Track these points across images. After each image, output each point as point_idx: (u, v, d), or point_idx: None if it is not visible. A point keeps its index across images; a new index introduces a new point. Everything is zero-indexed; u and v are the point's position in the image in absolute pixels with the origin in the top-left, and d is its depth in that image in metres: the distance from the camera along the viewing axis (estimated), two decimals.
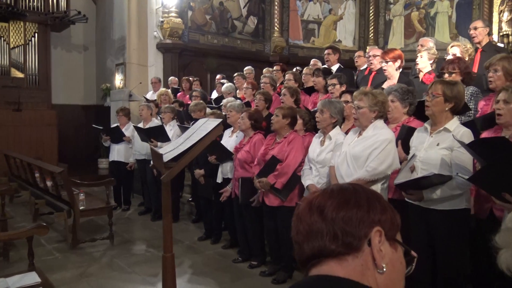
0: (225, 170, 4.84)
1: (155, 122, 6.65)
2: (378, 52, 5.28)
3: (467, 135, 2.76)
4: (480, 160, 2.49)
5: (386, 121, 3.44)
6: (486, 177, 2.18)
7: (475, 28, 4.79)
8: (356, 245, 0.91)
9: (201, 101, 6.30)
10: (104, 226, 5.62)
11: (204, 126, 2.85)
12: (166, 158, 2.64)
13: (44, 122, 9.09)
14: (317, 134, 3.90)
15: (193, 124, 3.53)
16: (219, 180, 4.90)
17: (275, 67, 7.52)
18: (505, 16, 9.88)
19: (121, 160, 6.91)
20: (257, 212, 4.36)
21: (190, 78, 8.46)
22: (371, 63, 5.34)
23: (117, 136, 6.88)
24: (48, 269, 4.08)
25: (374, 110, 3.21)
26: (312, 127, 4.26)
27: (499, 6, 10.06)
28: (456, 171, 2.68)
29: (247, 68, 7.92)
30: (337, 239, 0.91)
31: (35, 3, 9.29)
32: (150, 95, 8.58)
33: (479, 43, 4.88)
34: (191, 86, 8.20)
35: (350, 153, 3.27)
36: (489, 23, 10.03)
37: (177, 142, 2.91)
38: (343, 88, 4.46)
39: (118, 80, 9.70)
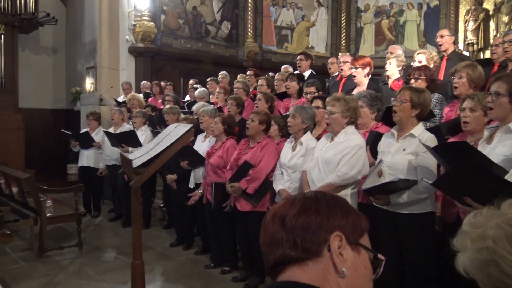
0: (197, 175, 4.82)
1: (126, 127, 6.55)
2: (349, 58, 5.38)
3: (431, 140, 2.84)
4: (444, 164, 2.57)
5: (356, 127, 3.51)
6: (449, 182, 2.25)
7: (442, 36, 4.95)
8: (316, 250, 0.92)
9: (176, 105, 6.26)
10: (72, 234, 5.48)
11: (175, 131, 2.83)
12: (135, 163, 2.61)
13: (10, 126, 8.78)
14: (288, 140, 3.93)
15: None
16: (191, 185, 4.87)
17: (248, 72, 7.55)
18: (470, 25, 10.27)
19: (90, 165, 6.77)
20: (229, 218, 4.35)
21: (162, 83, 8.39)
22: (342, 69, 5.43)
23: (87, 142, 6.74)
24: (13, 279, 3.96)
25: (346, 116, 3.28)
26: (287, 133, 4.30)
27: (465, 16, 10.45)
28: (421, 176, 2.75)
29: (222, 73, 7.91)
30: (297, 246, 0.93)
31: (1, 4, 9.01)
32: (121, 99, 8.45)
33: (445, 51, 5.04)
34: (161, 91, 8.12)
35: (322, 158, 3.32)
36: (455, 32, 10.39)
37: (147, 148, 2.87)
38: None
39: (89, 84, 9.50)
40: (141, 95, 7.80)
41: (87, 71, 9.54)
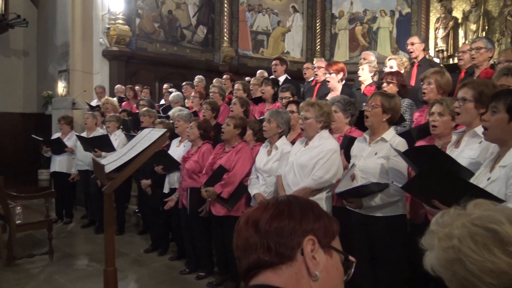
0: (172, 180, 4.78)
1: (99, 131, 6.44)
2: (323, 64, 5.45)
3: (402, 144, 2.92)
4: (415, 167, 2.64)
5: (330, 131, 3.57)
6: (418, 185, 2.31)
7: (412, 44, 5.09)
8: (289, 254, 0.93)
9: (154, 110, 6.21)
10: (43, 241, 5.33)
11: (149, 135, 2.80)
12: (108, 168, 2.57)
13: None
14: (264, 144, 3.96)
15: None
16: (166, 190, 4.83)
17: (224, 77, 7.56)
18: (440, 33, 10.58)
19: (63, 171, 6.62)
20: (205, 222, 4.33)
21: (137, 87, 8.30)
22: (316, 74, 5.50)
23: (59, 147, 6.59)
24: None
25: (320, 121, 3.32)
26: (262, 137, 4.32)
27: (435, 23, 10.75)
28: (392, 179, 2.82)
29: (198, 77, 7.88)
30: (271, 250, 0.93)
31: None
32: (95, 103, 8.30)
33: (416, 57, 5.18)
34: (135, 95, 8.03)
35: (297, 162, 3.35)
36: (426, 39, 10.69)
37: (120, 152, 2.84)
38: (490, 54, 4.21)
39: (61, 87, 9.30)
40: (115, 99, 7.69)
41: (59, 74, 9.34)
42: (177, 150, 4.88)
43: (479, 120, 2.38)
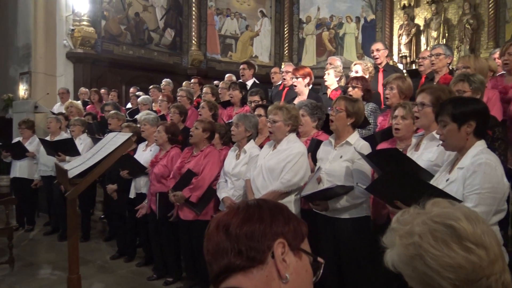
0: (138, 185, 4.71)
1: (64, 136, 6.27)
2: (291, 68, 5.52)
3: (366, 148, 3.00)
4: (377, 170, 2.72)
5: (297, 135, 3.62)
6: (381, 187, 2.38)
7: (377, 50, 5.23)
8: (260, 258, 0.95)
9: (122, 113, 6.10)
10: (3, 250, 5.12)
11: (114, 140, 2.76)
12: (71, 174, 2.52)
13: None
14: (232, 148, 3.97)
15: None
16: (131, 195, 4.76)
17: (192, 80, 7.52)
18: (404, 39, 10.92)
19: (24, 176, 6.40)
20: (173, 227, 4.29)
21: (103, 90, 8.13)
22: (284, 79, 5.56)
23: (19, 152, 6.37)
24: None
25: (288, 124, 3.37)
26: (228, 141, 4.33)
27: (398, 30, 11.09)
28: (357, 181, 2.89)
29: (165, 81, 7.81)
30: (242, 254, 0.94)
31: None
32: (58, 107, 8.07)
33: (380, 63, 5.33)
34: (100, 99, 7.87)
35: (265, 166, 3.38)
36: (390, 45, 11.02)
37: (85, 157, 2.78)
38: (448, 60, 4.37)
39: (22, 90, 8.99)
40: (79, 103, 7.50)
41: (21, 76, 9.02)
42: (143, 154, 4.82)
43: (437, 124, 2.48)
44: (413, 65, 10.33)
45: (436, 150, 2.50)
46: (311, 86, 4.96)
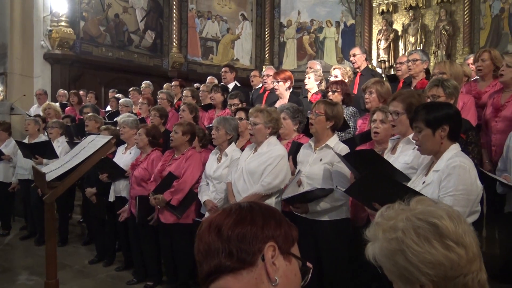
0: (117, 188, 4.66)
1: (42, 138, 6.15)
2: (272, 72, 5.56)
3: (345, 151, 3.05)
4: (354, 171, 2.77)
5: (279, 138, 3.65)
6: (359, 189, 2.43)
7: (354, 55, 5.32)
8: (250, 260, 0.95)
9: (100, 116, 6.03)
10: None
11: (93, 143, 2.74)
12: (49, 177, 2.48)
13: None
14: (213, 151, 3.98)
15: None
16: (111, 198, 4.70)
17: (173, 83, 7.49)
18: (382, 44, 11.12)
19: (0, 180, 6.25)
20: (153, 230, 4.26)
21: (81, 92, 8.01)
22: (266, 82, 5.59)
23: None
24: None
25: (268, 127, 3.39)
26: (207, 143, 4.33)
27: (377, 35, 11.29)
28: (336, 184, 2.94)
29: (145, 83, 7.75)
30: (232, 256, 0.95)
31: None
32: (35, 108, 7.92)
33: (358, 67, 5.41)
34: (80, 101, 7.75)
35: (246, 169, 3.40)
36: (369, 50, 11.20)
37: (63, 160, 2.75)
38: (425, 65, 4.46)
39: None
40: (57, 105, 7.37)
41: None
42: (123, 157, 4.78)
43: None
44: (392, 69, 10.52)
45: (412, 153, 2.56)
46: (291, 89, 5.00)
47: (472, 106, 3.50)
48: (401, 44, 10.96)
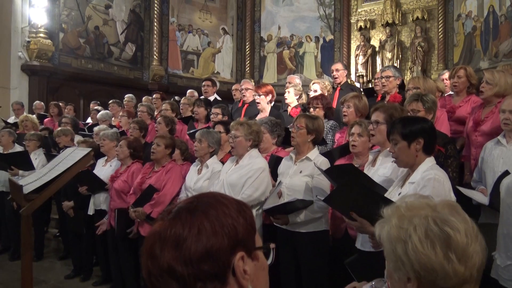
0: (97, 201, 4.60)
1: (17, 149, 6.01)
2: (250, 85, 5.61)
3: (325, 163, 3.11)
4: (335, 184, 2.82)
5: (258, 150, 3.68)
6: (337, 198, 2.48)
7: (337, 70, 5.43)
8: (221, 280, 0.84)
9: (69, 127, 5.92)
10: None
11: (72, 155, 2.71)
12: (26, 189, 2.45)
13: None
14: (194, 163, 3.98)
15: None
16: (90, 212, 4.63)
17: (154, 96, 7.47)
18: (360, 59, 11.37)
19: None
20: (133, 244, 4.20)
21: (60, 104, 7.90)
22: (244, 95, 5.63)
23: None
24: None
25: (249, 139, 3.43)
26: (189, 157, 4.34)
27: (355, 50, 11.54)
28: (317, 195, 2.99)
29: (128, 96, 7.71)
30: (200, 280, 0.82)
31: None
32: (12, 120, 7.76)
33: (340, 83, 5.52)
34: (60, 112, 7.64)
35: (227, 181, 3.42)
36: (347, 65, 11.43)
37: (41, 172, 2.71)
38: (398, 81, 4.52)
39: None
40: (34, 116, 7.25)
41: None
42: (103, 169, 4.72)
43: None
44: (370, 84, 10.75)
45: (391, 166, 2.63)
46: (273, 103, 5.06)
47: (445, 119, 3.62)
48: (378, 60, 11.24)
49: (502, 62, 8.57)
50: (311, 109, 4.24)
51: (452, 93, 4.32)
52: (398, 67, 8.39)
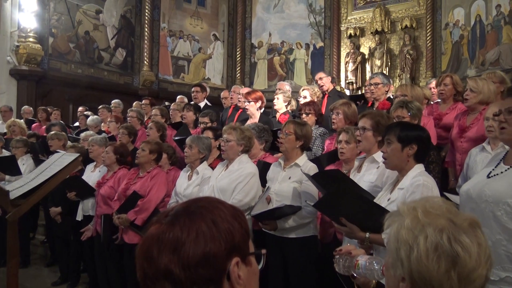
0: (86, 207, 4.56)
1: (5, 154, 5.94)
2: (239, 90, 5.63)
3: (313, 170, 3.13)
4: (321, 190, 2.85)
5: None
6: (327, 204, 2.50)
7: (321, 78, 5.51)
8: (217, 283, 0.86)
9: (63, 133, 5.90)
10: None
11: (59, 160, 2.70)
12: (13, 195, 2.43)
13: None
14: (185, 169, 3.98)
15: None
16: (79, 218, 4.59)
17: (144, 101, 7.46)
18: (350, 66, 11.47)
19: None
20: (119, 251, 4.17)
21: (48, 109, 7.84)
22: (239, 101, 5.64)
23: None
24: None
25: (241, 144, 3.44)
26: (176, 161, 4.33)
27: (345, 58, 11.65)
28: (305, 199, 3.01)
29: (115, 102, 7.69)
30: (195, 284, 0.84)
31: None
32: (0, 125, 7.68)
33: (326, 90, 5.58)
34: (48, 117, 7.59)
35: (217, 186, 3.42)
36: (337, 72, 11.54)
37: (28, 178, 2.70)
38: (386, 88, 4.57)
39: None
40: (22, 121, 7.19)
41: None
42: (92, 175, 4.70)
43: (377, 147, 2.67)
44: (359, 91, 10.85)
45: (376, 172, 2.66)
46: (263, 109, 5.09)
47: (432, 126, 3.67)
48: (368, 67, 11.35)
49: (488, 70, 8.71)
50: (303, 115, 4.27)
51: (439, 100, 4.38)
52: (387, 74, 8.48)
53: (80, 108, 8.26)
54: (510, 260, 1.89)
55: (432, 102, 4.78)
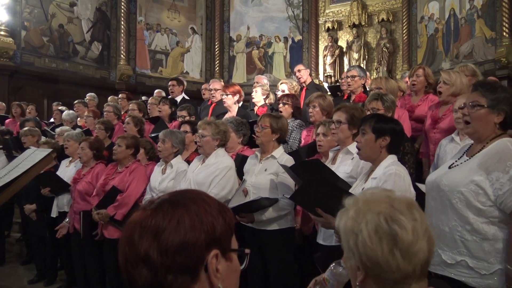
0: (61, 203, 4.49)
1: None
2: (218, 85, 5.63)
3: (289, 161, 3.16)
4: (298, 182, 2.87)
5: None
6: (303, 195, 2.53)
7: (299, 71, 5.54)
8: (192, 274, 0.87)
9: (37, 128, 5.77)
10: None
11: (32, 156, 2.64)
12: None
13: None
14: (158, 163, 3.95)
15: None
16: (54, 214, 4.52)
17: (120, 95, 7.36)
18: (328, 60, 11.54)
19: None
20: (98, 247, 4.13)
21: (23, 104, 7.66)
22: (213, 96, 5.64)
23: None
24: None
25: (216, 139, 3.43)
26: (154, 156, 4.30)
27: (323, 51, 11.71)
28: (282, 193, 3.03)
29: (89, 95, 7.56)
30: (171, 272, 0.86)
31: None
32: None
33: (304, 82, 5.62)
34: (23, 113, 7.41)
35: (194, 180, 3.42)
36: (316, 65, 11.59)
37: (0, 174, 2.63)
38: (363, 81, 4.60)
39: None
40: None
41: None
42: (67, 170, 4.63)
43: (352, 140, 2.71)
44: (337, 83, 10.92)
45: (351, 163, 2.71)
46: (241, 103, 5.09)
47: (406, 119, 3.74)
48: (346, 60, 11.43)
49: (462, 63, 8.90)
50: (281, 105, 4.30)
51: (412, 92, 4.46)
52: (364, 67, 8.57)
53: (54, 104, 8.08)
54: (464, 245, 2.00)
55: (405, 94, 4.86)
